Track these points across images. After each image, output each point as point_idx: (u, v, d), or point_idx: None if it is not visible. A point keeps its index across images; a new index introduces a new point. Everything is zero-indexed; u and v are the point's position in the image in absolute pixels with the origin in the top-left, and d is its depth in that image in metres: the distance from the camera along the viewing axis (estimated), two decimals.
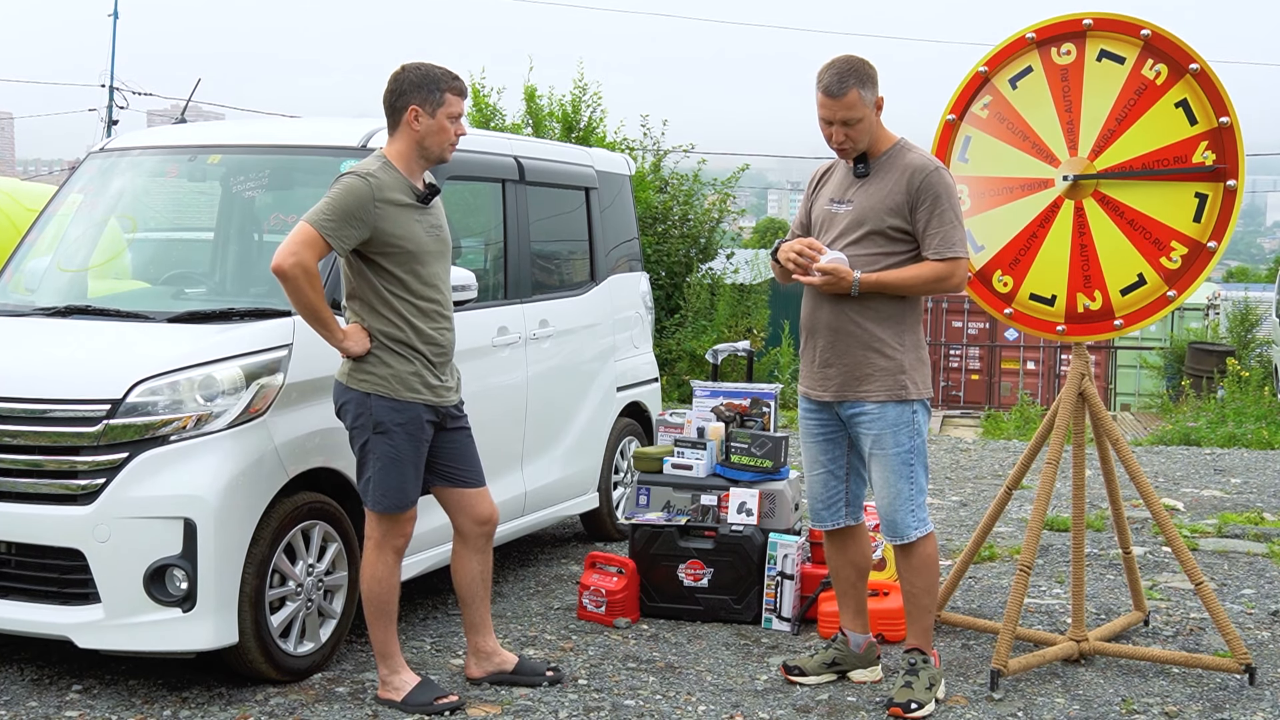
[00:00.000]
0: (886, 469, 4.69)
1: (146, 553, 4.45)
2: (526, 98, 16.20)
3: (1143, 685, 5.02)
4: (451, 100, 4.59)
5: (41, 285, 5.58)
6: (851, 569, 5.00)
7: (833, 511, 4.92)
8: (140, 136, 6.11)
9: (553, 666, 5.00)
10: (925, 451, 4.75)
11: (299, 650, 4.85)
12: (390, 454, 4.54)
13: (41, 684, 4.81)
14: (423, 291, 4.58)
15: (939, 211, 4.54)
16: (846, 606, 5.05)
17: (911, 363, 4.66)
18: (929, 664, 4.77)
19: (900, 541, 4.73)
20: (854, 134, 4.59)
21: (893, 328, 4.63)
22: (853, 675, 5.01)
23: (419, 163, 4.63)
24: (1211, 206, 4.96)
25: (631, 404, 7.33)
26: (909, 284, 4.58)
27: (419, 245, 4.56)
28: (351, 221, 4.42)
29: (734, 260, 17.16)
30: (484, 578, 4.90)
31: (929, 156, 4.66)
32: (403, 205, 4.53)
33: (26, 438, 4.56)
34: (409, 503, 4.63)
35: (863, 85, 4.55)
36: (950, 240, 4.56)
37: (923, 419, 4.72)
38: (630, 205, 7.65)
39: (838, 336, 4.67)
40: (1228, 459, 11.02)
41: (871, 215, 4.61)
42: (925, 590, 4.77)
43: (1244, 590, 6.46)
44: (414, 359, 4.56)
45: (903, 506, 4.69)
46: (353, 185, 4.45)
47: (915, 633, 4.81)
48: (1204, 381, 17.72)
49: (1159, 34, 5.00)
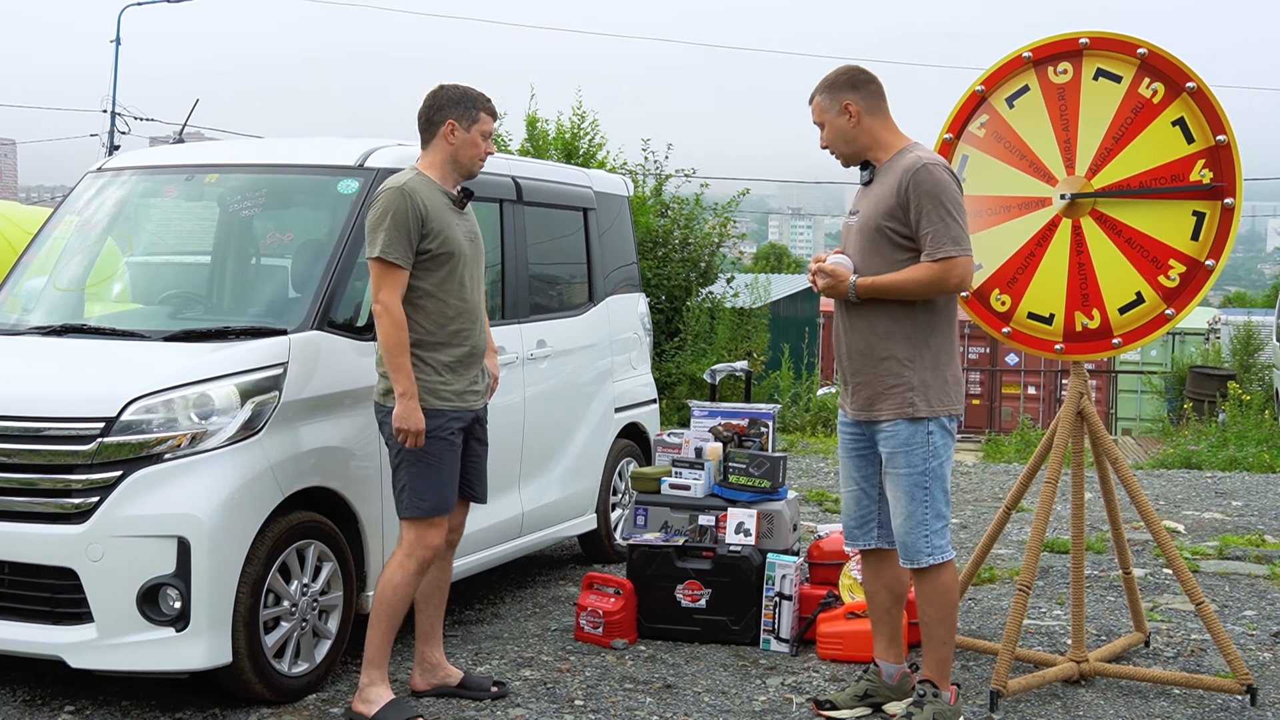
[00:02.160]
0: (898, 490, 4.56)
1: (140, 572, 4.42)
2: (528, 125, 16.25)
3: (1143, 706, 4.98)
4: (485, 118, 4.81)
5: (37, 304, 5.57)
6: (886, 593, 4.83)
7: (864, 531, 4.80)
8: (137, 156, 6.12)
9: (498, 682, 5.03)
10: (944, 474, 4.55)
11: (293, 671, 4.82)
12: (426, 459, 4.61)
13: (34, 705, 4.78)
14: (458, 292, 4.70)
15: (928, 211, 4.41)
16: (880, 634, 4.88)
17: (925, 379, 4.50)
18: (939, 698, 4.59)
19: (912, 566, 4.59)
20: (825, 138, 4.67)
21: (905, 341, 4.51)
22: (888, 708, 4.82)
23: (452, 175, 4.80)
24: (1209, 224, 4.96)
25: (630, 425, 7.30)
26: (904, 287, 4.46)
27: (458, 248, 4.69)
28: (409, 234, 4.55)
29: (734, 284, 17.16)
30: (440, 585, 4.99)
31: (923, 155, 4.51)
32: (440, 209, 4.65)
33: (20, 456, 4.54)
34: (448, 506, 4.70)
35: (825, 92, 4.63)
36: (940, 240, 4.40)
37: (940, 439, 4.53)
38: (629, 226, 7.64)
39: (855, 351, 4.61)
40: (1229, 482, 10.99)
41: (870, 221, 4.57)
42: (939, 620, 4.59)
43: (1245, 611, 6.43)
44: (442, 368, 4.66)
45: (915, 530, 4.54)
46: (391, 201, 4.56)
47: (929, 663, 4.64)
48: (1205, 405, 17.68)
49: (1155, 53, 5.00)
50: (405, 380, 4.54)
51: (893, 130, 4.65)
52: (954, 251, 4.41)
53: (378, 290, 4.56)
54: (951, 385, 4.57)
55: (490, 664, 5.40)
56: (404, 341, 4.54)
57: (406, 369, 4.54)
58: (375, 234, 4.55)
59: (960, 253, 4.42)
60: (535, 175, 6.66)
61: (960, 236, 4.43)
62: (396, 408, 4.53)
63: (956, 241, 4.42)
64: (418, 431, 4.55)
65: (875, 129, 4.62)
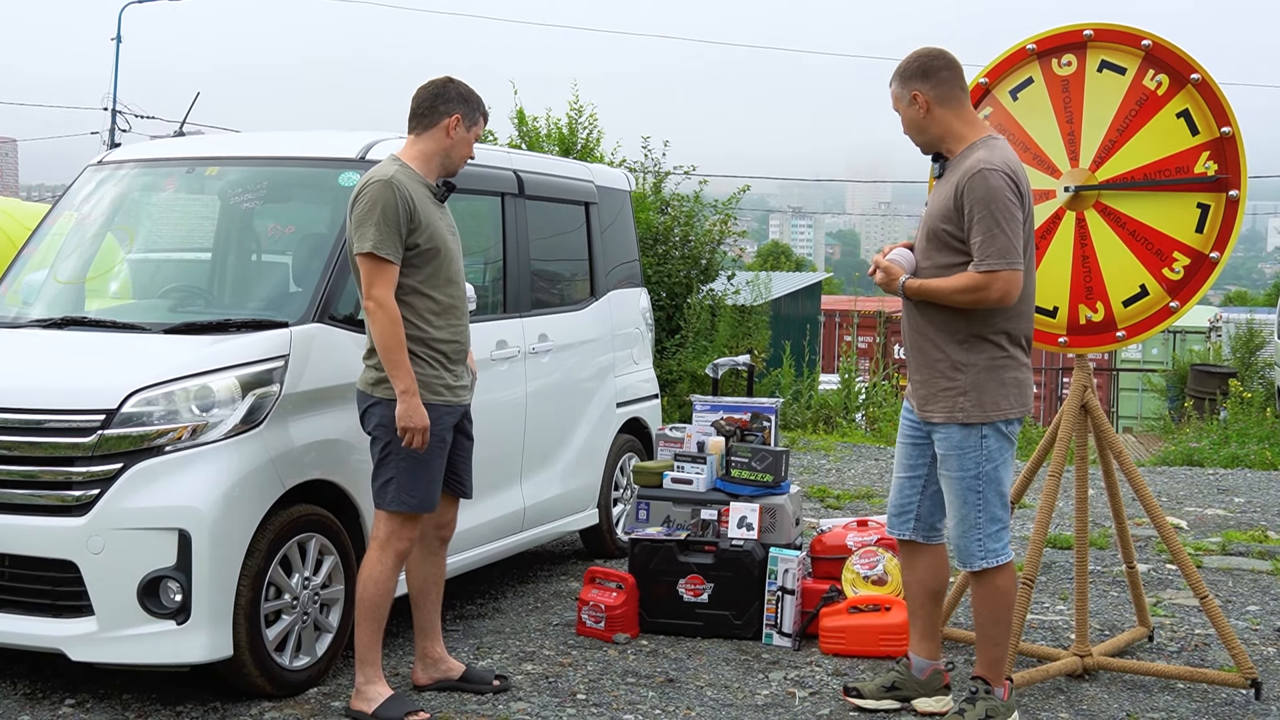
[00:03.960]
0: (952, 493, 4.51)
1: (140, 564, 4.41)
2: (518, 121, 16.17)
3: (1147, 700, 4.97)
4: (481, 124, 4.85)
5: (38, 297, 5.55)
6: (919, 587, 4.78)
7: (903, 520, 4.75)
8: (137, 149, 6.10)
9: (500, 675, 5.00)
10: (999, 478, 4.46)
11: (294, 664, 4.80)
12: (417, 455, 4.56)
13: (34, 698, 4.76)
14: (444, 288, 4.66)
15: (978, 219, 4.29)
16: (914, 627, 4.83)
17: (979, 382, 4.39)
18: (991, 695, 4.55)
19: (966, 569, 4.55)
20: (902, 125, 4.59)
21: (959, 343, 4.42)
22: (917, 704, 4.78)
23: (436, 169, 4.75)
24: (1214, 217, 4.94)
25: (631, 420, 7.29)
26: (946, 294, 4.37)
27: (443, 242, 4.65)
28: (399, 229, 4.50)
29: (735, 281, 17.14)
30: (435, 580, 4.96)
31: (985, 156, 4.35)
32: (424, 202, 4.62)
33: (20, 449, 4.52)
34: (433, 504, 4.67)
35: (897, 80, 4.55)
36: (986, 252, 4.27)
37: (995, 443, 4.43)
38: (630, 221, 7.63)
39: (913, 349, 4.57)
40: (1231, 479, 10.97)
41: (930, 219, 4.50)
42: (993, 621, 4.54)
43: (1249, 607, 6.41)
44: (434, 362, 4.61)
45: (969, 534, 4.49)
46: (380, 194, 4.49)
47: (982, 661, 4.60)
48: (1206, 403, 17.68)
49: (1160, 44, 4.98)
50: (406, 377, 4.48)
51: (967, 120, 4.52)
52: (997, 265, 4.28)
53: (370, 287, 4.47)
54: (1011, 388, 4.43)
55: (492, 658, 5.38)
56: (401, 338, 4.48)
57: (406, 365, 4.49)
58: (364, 228, 4.47)
59: (1005, 266, 4.27)
60: (537, 169, 6.64)
61: (1007, 249, 4.28)
62: (399, 406, 4.48)
63: (1003, 254, 4.28)
64: (423, 429, 4.50)
65: (947, 119, 4.49)
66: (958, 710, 4.56)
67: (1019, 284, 4.34)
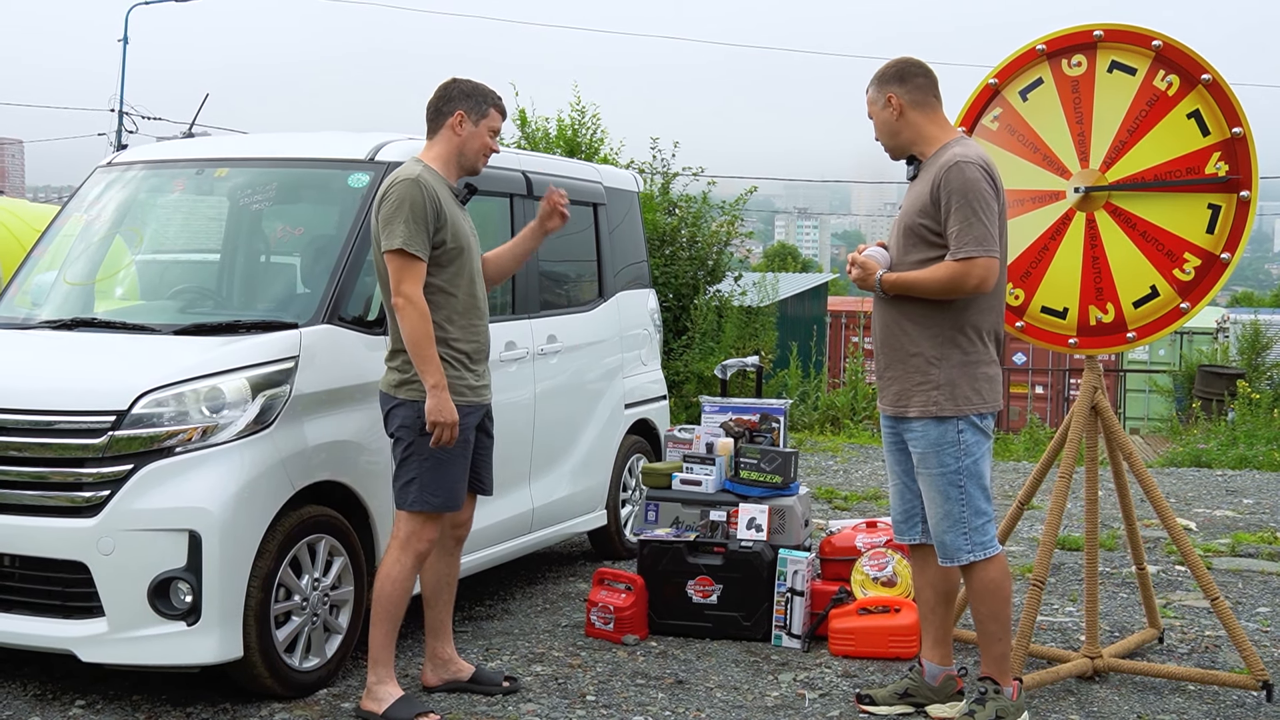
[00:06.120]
0: (932, 489, 4.54)
1: (151, 566, 4.41)
2: (520, 122, 16.16)
3: (1158, 702, 4.95)
4: (494, 115, 4.80)
5: (48, 299, 5.56)
6: (930, 590, 4.77)
7: (909, 525, 4.76)
8: (146, 151, 6.10)
9: (509, 677, 5.00)
10: (980, 472, 4.49)
11: (304, 665, 4.80)
12: (440, 454, 4.57)
13: (44, 699, 4.76)
14: (467, 288, 4.68)
15: (955, 209, 4.35)
16: (926, 633, 4.83)
17: (953, 376, 4.45)
18: (1000, 695, 4.54)
19: (951, 564, 4.56)
20: (875, 130, 4.67)
21: (933, 339, 4.47)
22: (930, 710, 4.77)
23: (456, 169, 4.77)
24: (1225, 217, 4.93)
25: (640, 421, 7.28)
26: (926, 285, 4.42)
27: (466, 241, 4.68)
28: (427, 227, 4.52)
29: (741, 282, 17.13)
30: (449, 580, 4.96)
31: (960, 151, 4.44)
32: (449, 203, 4.65)
33: (31, 450, 4.53)
34: (457, 503, 4.68)
35: (874, 84, 4.64)
36: (963, 240, 4.34)
37: (972, 437, 4.47)
38: (638, 222, 7.62)
39: (886, 346, 4.59)
40: (1239, 480, 10.95)
41: (906, 215, 4.55)
42: (990, 617, 4.54)
43: (1259, 608, 6.40)
44: (455, 363, 4.62)
45: (954, 529, 4.50)
46: (407, 192, 4.51)
47: (986, 660, 4.59)
48: (1214, 404, 17.64)
49: (1170, 45, 4.97)
50: (435, 372, 4.48)
51: (940, 124, 4.59)
52: (975, 252, 4.33)
53: (399, 284, 4.48)
54: (983, 383, 4.48)
55: (501, 659, 5.38)
56: (430, 333, 4.49)
57: (436, 360, 4.49)
58: (393, 226, 4.49)
59: (981, 253, 4.34)
60: (545, 170, 6.64)
61: (984, 237, 4.34)
62: (429, 400, 4.48)
63: (980, 242, 4.34)
64: (453, 424, 4.50)
65: (920, 123, 4.57)
66: (967, 711, 4.55)
67: (996, 271, 4.41)
